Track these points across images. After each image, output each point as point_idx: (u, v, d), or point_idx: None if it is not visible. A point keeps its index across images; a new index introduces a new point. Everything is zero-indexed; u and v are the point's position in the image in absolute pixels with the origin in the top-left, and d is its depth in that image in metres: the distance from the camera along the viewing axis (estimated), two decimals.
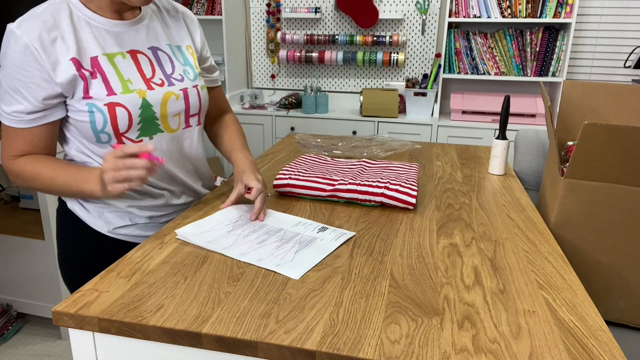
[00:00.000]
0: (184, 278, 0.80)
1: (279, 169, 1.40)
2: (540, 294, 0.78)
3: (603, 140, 1.01)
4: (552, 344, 0.66)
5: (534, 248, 0.94)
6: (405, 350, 0.63)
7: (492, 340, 0.66)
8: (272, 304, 0.73)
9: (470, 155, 1.59)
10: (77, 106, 0.93)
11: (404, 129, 2.85)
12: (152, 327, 0.68)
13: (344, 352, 0.63)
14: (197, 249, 0.91)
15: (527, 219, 1.08)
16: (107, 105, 0.93)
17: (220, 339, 0.66)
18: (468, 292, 0.77)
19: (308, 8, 3.05)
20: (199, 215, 1.06)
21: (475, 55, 2.88)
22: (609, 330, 0.69)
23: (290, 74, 3.31)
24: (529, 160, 1.58)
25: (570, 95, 1.44)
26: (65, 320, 0.72)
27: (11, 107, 0.92)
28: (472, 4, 2.77)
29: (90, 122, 0.94)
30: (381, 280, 0.81)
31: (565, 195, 1.11)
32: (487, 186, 1.29)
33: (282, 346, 0.64)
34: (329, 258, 0.88)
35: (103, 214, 1.04)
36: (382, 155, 1.53)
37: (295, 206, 1.12)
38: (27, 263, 1.95)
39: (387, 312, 0.72)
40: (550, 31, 2.78)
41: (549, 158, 1.28)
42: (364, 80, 3.20)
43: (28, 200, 2.12)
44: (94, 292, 0.76)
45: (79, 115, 0.94)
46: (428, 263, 0.87)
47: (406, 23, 3.05)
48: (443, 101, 3.16)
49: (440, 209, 1.13)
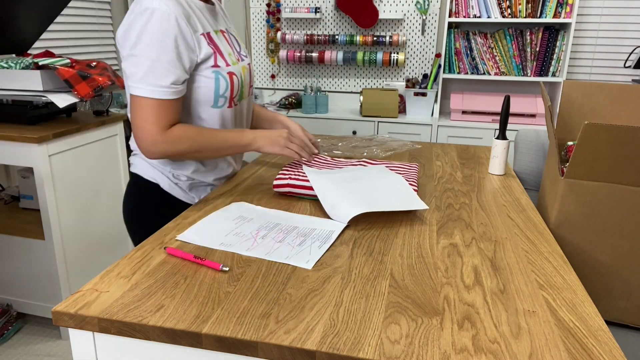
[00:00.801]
0: (184, 278, 0.80)
1: (278, 169, 1.40)
2: (540, 294, 0.78)
3: (603, 140, 1.01)
4: (552, 344, 0.66)
5: (534, 248, 0.94)
6: (405, 350, 0.63)
7: (492, 340, 0.66)
8: (272, 304, 0.73)
9: (470, 155, 1.59)
10: (204, 74, 1.08)
11: (404, 129, 2.85)
12: (152, 327, 0.68)
13: (344, 352, 0.63)
14: (198, 248, 0.91)
15: (527, 219, 1.08)
16: (229, 74, 1.11)
17: (220, 339, 0.66)
18: (468, 292, 0.77)
19: (308, 8, 3.05)
20: (198, 215, 1.06)
21: (475, 55, 2.88)
22: (609, 330, 0.69)
23: (290, 74, 3.31)
24: (529, 160, 1.58)
25: (570, 95, 1.44)
26: (65, 320, 0.72)
27: (167, 79, 1.00)
28: (472, 4, 2.77)
29: (214, 88, 1.10)
30: (381, 280, 0.81)
31: (565, 195, 1.11)
32: (487, 186, 1.29)
33: (282, 346, 0.64)
34: (329, 258, 0.88)
35: (192, 189, 1.21)
36: (382, 155, 1.53)
37: (295, 206, 1.12)
38: (27, 263, 1.95)
39: (387, 312, 0.72)
40: (550, 31, 2.78)
41: (549, 158, 1.28)
42: (364, 80, 3.20)
43: (28, 200, 2.12)
44: (94, 292, 0.76)
45: (204, 82, 1.08)
46: (428, 263, 0.87)
47: (406, 23, 3.05)
48: (443, 101, 3.16)
49: (440, 209, 1.13)
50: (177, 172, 1.18)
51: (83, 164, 1.97)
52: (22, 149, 1.76)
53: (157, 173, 1.18)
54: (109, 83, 1.90)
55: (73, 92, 1.82)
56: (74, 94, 1.82)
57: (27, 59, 1.86)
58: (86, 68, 1.91)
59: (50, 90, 1.83)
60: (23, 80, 1.81)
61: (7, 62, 1.83)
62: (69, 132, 1.86)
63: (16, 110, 1.85)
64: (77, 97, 1.82)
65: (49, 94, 1.80)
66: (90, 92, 1.84)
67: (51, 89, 1.84)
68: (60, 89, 1.86)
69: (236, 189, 1.22)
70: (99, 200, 2.08)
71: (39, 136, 1.72)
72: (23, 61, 1.84)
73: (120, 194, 2.21)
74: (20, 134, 1.73)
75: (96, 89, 1.86)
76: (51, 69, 1.82)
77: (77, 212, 1.96)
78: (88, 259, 2.05)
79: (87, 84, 1.84)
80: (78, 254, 1.99)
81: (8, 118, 1.88)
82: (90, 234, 2.04)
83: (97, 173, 2.06)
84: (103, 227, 2.12)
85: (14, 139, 1.74)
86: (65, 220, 1.90)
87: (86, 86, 1.84)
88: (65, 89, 1.86)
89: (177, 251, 0.87)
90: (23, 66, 1.83)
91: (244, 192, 1.20)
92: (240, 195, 1.18)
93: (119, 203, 2.22)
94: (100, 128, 2.04)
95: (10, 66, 1.82)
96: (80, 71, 1.85)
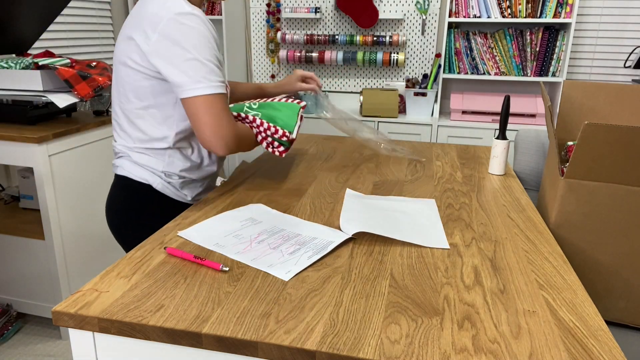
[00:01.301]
0: (184, 278, 0.80)
1: (278, 169, 1.40)
2: (540, 294, 0.78)
3: (603, 140, 1.01)
4: (552, 344, 0.66)
5: (534, 248, 0.94)
6: (405, 350, 0.63)
7: (492, 340, 0.66)
8: (272, 304, 0.73)
9: (470, 155, 1.59)
10: None
11: (404, 129, 2.85)
12: (152, 327, 0.68)
13: (344, 352, 0.63)
14: (198, 248, 0.91)
15: (527, 219, 1.08)
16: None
17: (220, 339, 0.66)
18: (468, 292, 0.77)
19: (308, 8, 3.05)
20: (198, 215, 1.06)
21: (475, 55, 2.88)
22: (609, 330, 0.69)
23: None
24: (529, 160, 1.58)
25: (570, 95, 1.44)
26: (65, 320, 0.72)
27: (219, 75, 1.06)
28: (472, 4, 2.77)
29: None
30: (381, 280, 0.81)
31: (565, 195, 1.11)
32: (487, 186, 1.29)
33: (282, 346, 0.64)
34: (329, 258, 0.88)
35: (184, 187, 1.22)
36: (383, 149, 1.53)
37: (296, 206, 1.12)
38: (27, 263, 1.95)
39: (387, 312, 0.72)
40: (550, 31, 2.78)
41: (549, 158, 1.28)
42: (364, 80, 3.20)
43: (28, 200, 2.12)
44: (94, 292, 0.76)
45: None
46: (428, 263, 0.87)
47: (406, 23, 3.05)
48: (443, 101, 3.16)
49: (440, 209, 1.13)
50: (169, 171, 1.17)
51: (83, 164, 1.97)
52: (22, 149, 1.76)
53: (148, 173, 1.17)
54: (109, 83, 1.90)
55: (73, 92, 1.82)
56: (74, 94, 1.82)
57: (27, 59, 1.86)
58: (86, 68, 1.91)
59: (50, 90, 1.83)
60: (23, 80, 1.81)
61: (7, 62, 1.83)
62: (69, 132, 1.86)
63: (16, 110, 1.85)
64: (77, 97, 1.82)
65: (49, 94, 1.80)
66: (90, 92, 1.84)
67: (51, 89, 1.84)
68: (60, 89, 1.86)
69: (236, 189, 1.22)
70: (99, 200, 2.08)
71: (39, 136, 1.72)
72: (23, 61, 1.84)
73: None
74: (20, 134, 1.73)
75: (96, 89, 1.86)
76: (51, 69, 1.82)
77: (77, 212, 1.96)
78: (88, 259, 2.05)
79: (87, 84, 1.84)
80: (78, 254, 1.99)
81: (8, 118, 1.88)
82: (90, 233, 2.04)
83: (97, 173, 2.06)
84: (103, 227, 2.12)
85: (14, 139, 1.74)
86: (65, 220, 1.90)
87: (86, 86, 1.84)
88: (65, 89, 1.87)
89: (177, 251, 0.87)
90: (23, 66, 1.83)
91: (243, 193, 1.20)
92: (239, 195, 1.18)
93: None
94: (100, 128, 2.04)
95: (10, 66, 1.82)
96: (80, 71, 1.85)
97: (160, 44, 1.02)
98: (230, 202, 1.13)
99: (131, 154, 1.16)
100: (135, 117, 1.12)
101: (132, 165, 1.17)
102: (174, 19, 1.01)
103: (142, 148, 1.15)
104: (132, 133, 1.14)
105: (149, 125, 1.12)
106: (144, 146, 1.14)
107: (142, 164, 1.16)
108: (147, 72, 1.06)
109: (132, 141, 1.15)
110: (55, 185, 1.84)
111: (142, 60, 1.05)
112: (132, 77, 1.08)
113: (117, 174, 1.20)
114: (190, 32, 1.01)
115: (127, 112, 1.13)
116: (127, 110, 1.13)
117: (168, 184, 1.18)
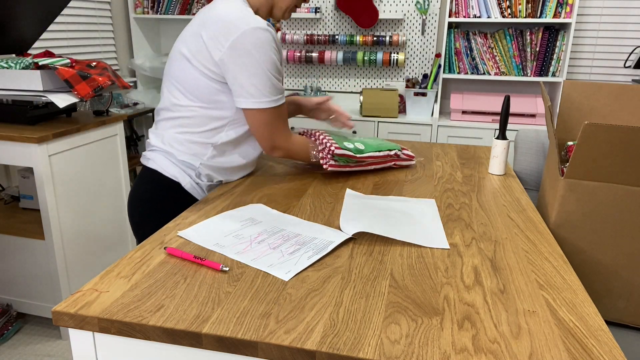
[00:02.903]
0: (184, 278, 0.80)
1: (279, 168, 1.40)
2: (540, 294, 0.78)
3: (603, 140, 1.01)
4: (552, 344, 0.66)
5: (534, 248, 0.94)
6: (405, 350, 0.63)
7: (492, 340, 0.66)
8: (272, 304, 0.73)
9: (470, 155, 1.59)
10: None
11: (404, 129, 2.85)
12: (152, 327, 0.68)
13: (344, 352, 0.63)
14: (198, 248, 0.91)
15: (527, 219, 1.08)
16: None
17: (220, 339, 0.66)
18: (468, 292, 0.77)
19: (308, 8, 3.05)
20: (198, 215, 1.06)
21: (475, 55, 2.88)
22: (609, 330, 0.69)
23: (290, 74, 3.31)
24: (529, 160, 1.58)
25: (570, 95, 1.44)
26: (65, 320, 0.72)
27: (280, 90, 1.16)
28: (472, 4, 2.77)
29: None
30: (381, 280, 0.81)
31: (565, 195, 1.11)
32: (487, 186, 1.29)
33: (282, 346, 0.64)
34: (329, 258, 0.88)
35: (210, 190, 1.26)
36: None
37: (296, 206, 1.12)
38: (27, 263, 1.95)
39: (387, 312, 0.72)
40: (550, 31, 2.78)
41: (549, 158, 1.28)
42: (364, 80, 3.20)
43: (28, 200, 2.12)
44: (94, 292, 0.76)
45: None
46: (428, 263, 0.87)
47: (406, 23, 3.05)
48: (443, 101, 3.16)
49: (440, 209, 1.13)
50: (207, 163, 1.21)
51: (83, 164, 1.97)
52: (22, 149, 1.76)
53: (179, 171, 1.20)
54: (109, 83, 1.90)
55: (73, 92, 1.82)
56: (74, 94, 1.82)
57: (27, 59, 1.86)
58: (86, 68, 1.91)
59: (50, 90, 1.83)
60: (23, 80, 1.81)
61: (7, 62, 1.83)
62: (69, 132, 1.86)
63: (16, 110, 1.85)
64: (77, 97, 1.82)
65: (49, 94, 1.80)
66: (90, 92, 1.84)
67: (51, 89, 1.84)
68: (60, 89, 1.86)
69: (235, 189, 1.22)
70: (99, 200, 2.08)
71: (39, 136, 1.72)
72: (23, 61, 1.84)
73: (120, 194, 2.21)
74: (20, 134, 1.73)
75: (96, 89, 1.86)
76: (51, 69, 1.82)
77: (77, 212, 1.96)
78: (88, 259, 2.05)
79: (87, 84, 1.84)
80: (78, 254, 1.99)
81: (8, 118, 1.88)
82: (90, 234, 2.04)
83: (97, 173, 2.06)
84: (103, 227, 2.12)
85: (14, 139, 1.74)
86: (65, 220, 1.90)
87: (86, 86, 1.84)
88: (65, 89, 1.86)
89: (177, 251, 0.87)
90: (23, 66, 1.83)
91: (242, 193, 1.20)
92: (239, 196, 1.18)
93: (119, 203, 2.22)
94: (100, 128, 2.04)
95: (10, 66, 1.82)
96: (80, 71, 1.85)
97: (233, 53, 1.08)
98: (230, 202, 1.13)
99: (169, 149, 1.19)
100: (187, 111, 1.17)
101: (165, 160, 1.20)
102: (251, 33, 1.07)
103: (187, 141, 1.19)
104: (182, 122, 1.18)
105: (204, 117, 1.17)
106: (192, 139, 1.19)
107: (176, 162, 1.20)
108: (211, 76, 1.13)
109: (175, 132, 1.19)
110: (55, 185, 1.84)
111: (207, 62, 1.11)
112: (191, 73, 1.14)
113: (147, 166, 1.23)
114: (262, 47, 1.09)
115: (179, 104, 1.18)
116: (178, 102, 1.18)
117: (196, 185, 1.22)
